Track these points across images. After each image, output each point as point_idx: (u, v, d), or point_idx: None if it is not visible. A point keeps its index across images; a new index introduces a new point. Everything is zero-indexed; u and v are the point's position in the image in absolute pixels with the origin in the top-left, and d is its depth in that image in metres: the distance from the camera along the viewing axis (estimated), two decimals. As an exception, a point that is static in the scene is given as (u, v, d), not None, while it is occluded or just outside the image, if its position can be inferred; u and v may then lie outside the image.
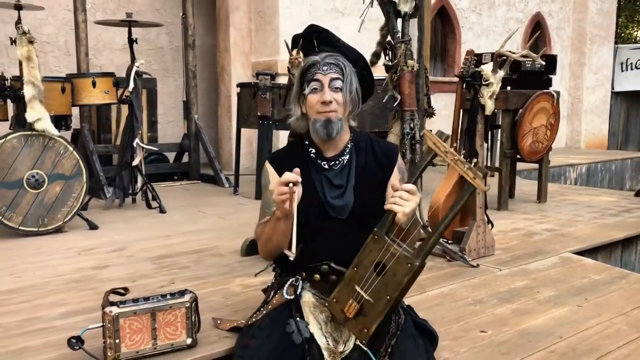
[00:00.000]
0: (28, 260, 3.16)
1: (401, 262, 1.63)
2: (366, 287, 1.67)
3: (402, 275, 1.63)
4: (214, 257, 3.22)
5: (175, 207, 4.64)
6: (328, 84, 1.80)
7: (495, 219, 4.21)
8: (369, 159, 1.94)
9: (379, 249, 1.67)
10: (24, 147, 3.65)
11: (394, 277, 1.64)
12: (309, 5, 6.88)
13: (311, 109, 1.83)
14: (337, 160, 1.91)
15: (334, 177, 1.90)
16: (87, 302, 2.48)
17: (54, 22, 6.70)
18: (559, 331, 2.35)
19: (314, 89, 1.81)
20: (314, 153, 1.91)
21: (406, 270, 1.62)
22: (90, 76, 4.37)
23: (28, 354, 1.99)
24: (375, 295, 1.66)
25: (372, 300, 1.66)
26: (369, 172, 1.92)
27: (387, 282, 1.65)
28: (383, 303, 1.64)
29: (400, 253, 1.64)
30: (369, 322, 1.66)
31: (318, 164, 1.91)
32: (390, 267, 1.65)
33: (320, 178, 1.90)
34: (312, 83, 1.81)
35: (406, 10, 3.02)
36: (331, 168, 1.90)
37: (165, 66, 7.61)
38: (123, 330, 1.90)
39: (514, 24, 10.02)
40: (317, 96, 1.80)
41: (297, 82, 1.88)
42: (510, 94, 4.55)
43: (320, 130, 1.82)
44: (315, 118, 1.83)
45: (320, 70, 1.80)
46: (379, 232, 1.69)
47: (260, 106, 4.86)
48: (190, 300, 2.01)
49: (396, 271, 1.64)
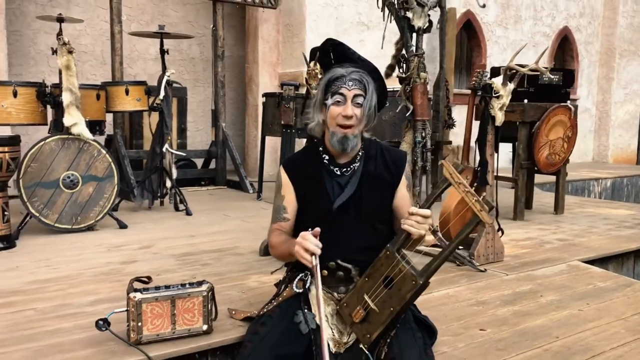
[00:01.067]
0: (62, 254, 3.40)
1: (407, 279, 1.82)
2: (374, 297, 1.86)
3: (406, 291, 1.81)
4: (234, 256, 3.41)
5: (201, 210, 4.86)
6: (351, 99, 1.94)
7: (509, 228, 4.32)
8: (379, 166, 2.08)
9: (389, 264, 1.85)
10: (61, 150, 3.90)
11: (399, 292, 1.83)
12: (335, 18, 7.08)
13: (332, 119, 1.97)
14: (349, 167, 2.06)
15: (343, 181, 2.06)
16: (114, 292, 2.69)
17: (92, 33, 7.04)
18: (556, 332, 2.46)
19: (337, 102, 1.95)
20: (327, 159, 2.06)
21: (410, 287, 1.81)
22: (123, 84, 4.62)
23: (60, 334, 2.20)
24: (380, 305, 1.84)
25: (377, 310, 1.84)
26: (377, 178, 2.07)
27: (392, 295, 1.83)
28: (387, 313, 1.83)
29: (407, 271, 1.82)
30: (372, 329, 1.85)
31: (330, 169, 2.06)
32: (397, 282, 1.83)
33: (331, 182, 2.06)
34: (337, 96, 1.95)
35: (420, 25, 3.17)
36: (342, 174, 2.06)
37: (195, 76, 7.89)
38: (145, 314, 2.09)
39: (540, 38, 10.07)
40: (340, 109, 1.94)
41: (322, 90, 2.01)
42: (527, 107, 4.66)
43: (336, 145, 1.98)
44: (333, 131, 1.97)
45: (346, 84, 1.94)
46: (392, 249, 1.86)
47: (284, 115, 5.06)
48: (207, 290, 2.19)
49: (402, 286, 1.82)
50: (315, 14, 6.92)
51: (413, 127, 3.25)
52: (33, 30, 6.71)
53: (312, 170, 2.07)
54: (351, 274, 2.01)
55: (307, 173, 2.08)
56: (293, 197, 2.08)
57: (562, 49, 10.71)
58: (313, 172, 2.07)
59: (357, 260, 2.01)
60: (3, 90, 3.88)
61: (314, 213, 2.05)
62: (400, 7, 3.16)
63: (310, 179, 2.06)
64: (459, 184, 1.85)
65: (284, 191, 2.10)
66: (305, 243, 1.82)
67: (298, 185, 2.08)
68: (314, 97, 2.10)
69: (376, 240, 2.03)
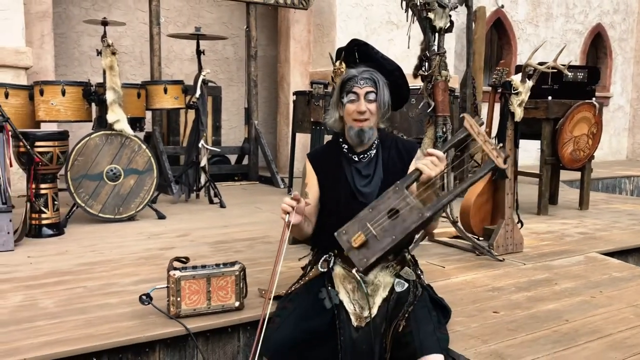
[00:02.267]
0: (107, 241, 3.67)
1: (413, 211, 1.93)
2: (375, 225, 1.96)
3: (411, 221, 1.93)
4: (264, 244, 3.63)
5: (234, 203, 5.10)
6: (364, 96, 2.15)
7: (533, 222, 4.44)
8: (392, 154, 2.29)
9: (397, 197, 1.97)
10: (105, 145, 4.18)
11: (403, 222, 1.94)
12: (364, 18, 7.25)
13: (348, 116, 2.19)
14: (366, 154, 2.27)
15: (362, 168, 2.26)
16: (154, 274, 2.93)
17: (132, 35, 7.37)
18: (567, 316, 2.59)
19: (351, 100, 2.17)
20: (346, 148, 2.28)
21: (416, 218, 1.93)
22: (162, 83, 4.89)
23: (108, 308, 2.44)
24: (382, 233, 1.94)
25: (377, 237, 1.94)
26: (392, 165, 2.27)
27: (396, 224, 1.94)
28: (387, 241, 1.93)
29: (415, 204, 1.95)
30: (370, 254, 1.94)
31: (350, 157, 2.27)
32: (402, 213, 1.94)
33: (350, 169, 2.26)
34: (351, 94, 2.17)
35: (441, 25, 3.32)
36: (360, 160, 2.27)
37: (230, 75, 8.16)
38: (183, 290, 2.31)
39: (572, 36, 10.03)
40: (354, 106, 2.16)
41: (337, 91, 2.26)
42: (551, 104, 4.75)
43: (354, 137, 2.20)
44: (350, 125, 2.20)
45: (358, 83, 2.16)
46: (401, 185, 2.00)
47: (313, 112, 5.26)
48: (239, 270, 2.41)
49: (407, 217, 1.94)
50: (345, 14, 7.10)
51: (434, 123, 3.41)
52: (77, 33, 7.07)
53: (334, 160, 2.28)
54: None
55: (329, 163, 2.29)
56: (315, 184, 2.29)
57: (595, 45, 10.64)
58: (334, 162, 2.28)
59: None
60: (53, 90, 4.18)
61: (334, 197, 2.24)
62: (422, 8, 3.33)
63: (332, 168, 2.27)
64: (478, 133, 2.00)
65: (308, 179, 2.31)
66: (282, 205, 2.03)
67: (321, 173, 2.29)
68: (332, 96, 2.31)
69: None
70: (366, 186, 2.24)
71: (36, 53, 5.60)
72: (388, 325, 2.03)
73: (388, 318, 2.06)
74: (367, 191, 2.23)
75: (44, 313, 2.37)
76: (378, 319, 2.09)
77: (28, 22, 5.46)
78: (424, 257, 3.32)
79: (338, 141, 2.32)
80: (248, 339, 2.43)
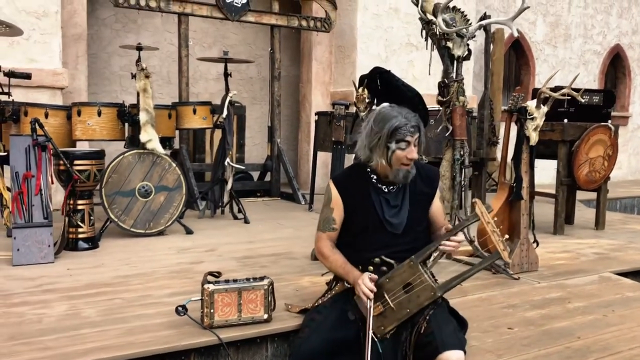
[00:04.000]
0: (139, 255, 3.86)
1: (427, 289, 2.17)
2: (393, 297, 2.20)
3: (424, 299, 2.17)
4: (288, 260, 3.80)
5: (257, 219, 5.29)
6: (413, 143, 2.29)
7: (548, 241, 4.55)
8: (418, 183, 2.43)
9: (412, 273, 2.20)
10: (137, 163, 4.39)
11: (417, 298, 2.18)
12: (384, 40, 7.45)
13: (397, 161, 2.29)
14: (394, 186, 2.40)
15: (391, 199, 2.40)
16: (186, 287, 3.11)
17: (159, 55, 7.63)
18: (579, 333, 2.71)
19: (400, 148, 2.28)
20: (375, 179, 2.41)
21: (429, 297, 2.17)
22: (191, 104, 5.12)
23: (145, 318, 2.63)
24: (398, 305, 2.19)
25: (394, 309, 2.19)
26: (419, 193, 2.43)
27: (410, 299, 2.18)
28: (403, 314, 2.19)
29: (428, 283, 2.17)
30: (387, 323, 2.20)
31: (379, 187, 2.40)
32: (416, 289, 2.18)
33: (379, 199, 2.40)
34: (402, 143, 2.27)
35: (459, 54, 3.49)
36: (389, 191, 2.40)
37: (253, 94, 8.40)
38: (217, 302, 2.49)
39: (590, 56, 10.13)
40: (404, 153, 2.28)
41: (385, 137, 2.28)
42: (567, 126, 4.88)
43: (402, 179, 2.32)
44: (397, 168, 2.30)
45: (409, 133, 2.27)
46: (415, 260, 2.21)
47: (334, 132, 5.45)
48: (268, 284, 2.58)
49: (420, 294, 2.18)
50: (366, 36, 7.31)
51: (452, 146, 3.57)
52: (107, 54, 7.36)
53: (360, 187, 2.41)
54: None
55: (355, 189, 2.42)
56: (341, 210, 2.41)
57: (614, 66, 10.72)
58: (361, 189, 2.41)
59: (399, 258, 2.31)
60: (89, 110, 4.42)
61: (362, 224, 2.39)
62: (441, 37, 3.50)
63: (358, 195, 2.40)
64: (487, 222, 2.16)
65: (334, 204, 2.43)
66: (362, 287, 2.18)
67: (346, 199, 2.41)
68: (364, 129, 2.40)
69: (416, 242, 2.37)
70: (394, 216, 2.38)
71: (71, 73, 5.87)
72: (410, 333, 2.18)
73: (409, 324, 2.21)
74: (396, 222, 2.37)
75: (88, 322, 2.56)
76: (400, 329, 2.24)
77: (64, 44, 5.74)
78: (441, 274, 3.45)
79: (365, 170, 2.41)
80: (275, 349, 2.59)
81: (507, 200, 3.70)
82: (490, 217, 2.19)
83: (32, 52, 5.33)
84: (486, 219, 2.17)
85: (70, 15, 5.94)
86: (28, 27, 5.21)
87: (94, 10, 7.14)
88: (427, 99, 3.62)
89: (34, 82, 4.96)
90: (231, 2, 6.19)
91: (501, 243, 2.15)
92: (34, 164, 3.62)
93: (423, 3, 3.68)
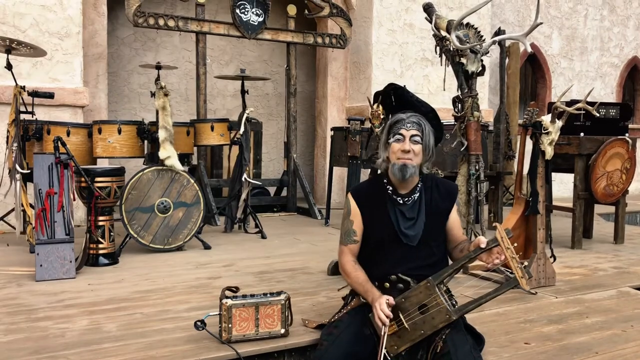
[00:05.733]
0: (158, 270, 3.92)
1: (442, 312, 2.17)
2: (408, 317, 2.20)
3: (439, 321, 2.17)
4: (305, 275, 3.83)
5: (274, 234, 5.33)
6: (409, 137, 2.34)
7: (566, 256, 4.53)
8: (435, 195, 2.46)
9: (428, 294, 2.20)
10: (156, 179, 4.47)
11: (432, 320, 2.18)
12: (399, 55, 7.50)
13: (393, 154, 2.37)
14: (410, 197, 2.43)
15: (407, 211, 2.42)
16: (205, 302, 3.15)
17: (177, 73, 7.77)
18: (597, 348, 2.70)
19: (397, 139, 2.36)
20: (391, 190, 2.44)
21: (443, 319, 2.17)
22: (209, 122, 5.20)
23: (165, 332, 2.67)
24: (413, 326, 2.19)
25: (409, 329, 2.19)
26: (435, 206, 2.45)
27: (425, 320, 2.18)
28: (417, 335, 2.19)
29: (444, 305, 2.17)
30: (401, 343, 2.21)
31: (394, 199, 2.43)
32: (432, 311, 2.18)
33: (395, 210, 2.42)
34: (397, 135, 2.35)
35: (473, 70, 3.52)
36: (405, 203, 2.43)
37: (269, 110, 8.49)
38: (234, 317, 2.52)
39: (607, 69, 10.09)
40: (399, 145, 2.34)
41: (385, 132, 2.43)
42: (583, 140, 4.87)
43: (397, 173, 2.36)
44: (394, 162, 2.36)
45: (405, 126, 2.35)
46: (432, 282, 2.21)
47: (350, 147, 5.50)
48: (285, 299, 2.61)
49: (435, 316, 2.18)
50: (381, 52, 7.37)
51: (467, 161, 3.59)
52: (127, 72, 7.51)
53: (377, 199, 2.45)
54: (410, 286, 2.35)
55: (372, 201, 2.45)
56: (361, 222, 2.45)
57: (632, 78, 10.66)
58: (378, 201, 2.44)
59: (416, 275, 2.34)
60: (110, 128, 4.52)
61: (378, 236, 2.42)
62: (455, 54, 3.54)
63: (376, 207, 2.43)
64: (507, 248, 2.15)
65: (353, 217, 2.47)
66: (379, 312, 2.17)
67: (365, 211, 2.45)
68: (378, 136, 2.50)
69: (433, 258, 2.39)
70: (410, 228, 2.40)
71: (91, 92, 6.01)
72: (426, 352, 2.19)
73: (425, 343, 2.22)
74: (412, 234, 2.39)
75: (109, 336, 2.61)
76: (416, 347, 2.25)
77: (85, 64, 5.88)
78: (458, 289, 3.46)
79: (382, 182, 2.46)
80: (292, 364, 2.62)
81: (523, 215, 3.70)
82: (510, 243, 2.18)
83: (55, 71, 5.47)
84: (506, 244, 2.16)
85: (91, 35, 6.09)
86: (51, 47, 5.36)
87: (114, 30, 7.30)
88: (443, 113, 3.66)
89: (56, 100, 5.08)
90: (248, 21, 6.30)
91: (520, 270, 2.14)
92: (56, 181, 3.72)
93: (437, 20, 3.73)
